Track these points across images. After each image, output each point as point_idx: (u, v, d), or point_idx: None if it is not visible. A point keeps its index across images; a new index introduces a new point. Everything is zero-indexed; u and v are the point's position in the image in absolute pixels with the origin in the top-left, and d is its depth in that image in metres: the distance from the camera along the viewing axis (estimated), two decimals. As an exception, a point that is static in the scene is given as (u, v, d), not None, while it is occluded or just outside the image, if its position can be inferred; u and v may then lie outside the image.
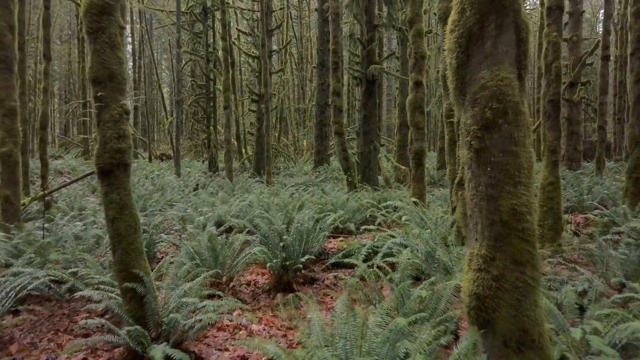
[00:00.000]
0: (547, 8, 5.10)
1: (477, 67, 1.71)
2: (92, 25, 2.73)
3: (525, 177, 1.68)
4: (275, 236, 4.09)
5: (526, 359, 1.65)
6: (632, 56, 6.53)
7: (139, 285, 2.69)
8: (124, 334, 2.55)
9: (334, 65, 8.40)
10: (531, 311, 1.68)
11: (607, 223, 5.41)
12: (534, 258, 1.70)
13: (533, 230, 1.70)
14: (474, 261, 1.74)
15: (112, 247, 2.80)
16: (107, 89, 2.73)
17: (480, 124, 1.68)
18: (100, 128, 2.73)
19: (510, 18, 1.68)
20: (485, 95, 1.67)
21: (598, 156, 10.68)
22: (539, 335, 1.68)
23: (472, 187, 1.74)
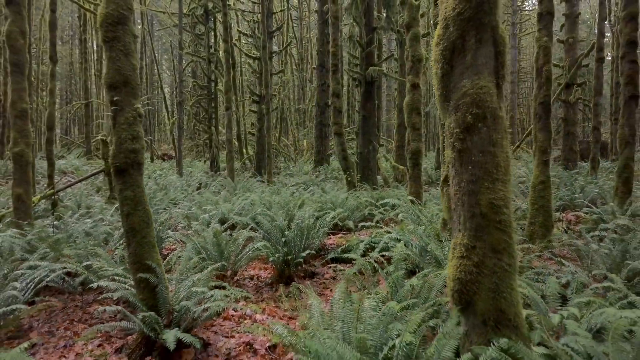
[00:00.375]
0: (538, 14, 5.31)
1: (460, 77, 1.92)
2: (108, 34, 2.94)
3: (502, 175, 1.89)
4: (278, 232, 4.30)
5: (503, 336, 1.86)
6: (622, 59, 6.74)
7: (152, 276, 2.90)
8: (139, 320, 2.76)
9: (334, 68, 8.61)
10: (507, 294, 1.89)
11: (597, 220, 5.61)
12: (510, 247, 1.91)
13: (509, 221, 1.91)
14: (457, 249, 1.95)
15: (126, 241, 3.00)
16: (122, 93, 2.94)
17: (462, 127, 1.89)
18: (115, 130, 2.94)
19: (489, 33, 1.89)
20: (467, 102, 1.88)
21: (592, 156, 10.89)
22: (514, 315, 1.89)
23: (456, 184, 1.95)
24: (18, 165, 5.40)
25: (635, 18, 6.61)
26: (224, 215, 5.87)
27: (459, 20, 1.88)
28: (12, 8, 5.39)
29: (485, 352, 1.68)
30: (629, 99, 6.59)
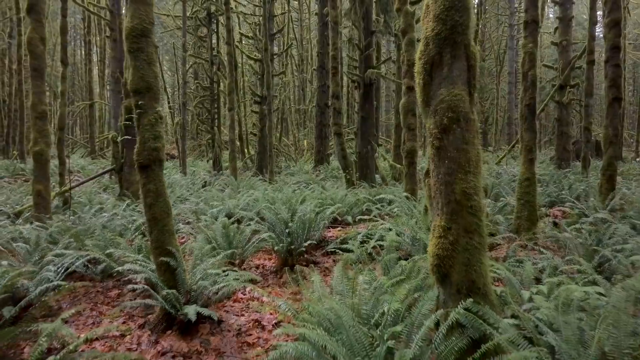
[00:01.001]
0: (524, 22, 5.69)
1: (438, 86, 2.29)
2: (133, 45, 3.32)
3: (473, 168, 2.27)
4: (282, 224, 4.68)
5: (474, 302, 2.23)
6: (606, 63, 7.12)
7: (172, 259, 3.27)
8: (161, 297, 3.14)
9: (333, 70, 8.99)
10: (478, 267, 2.27)
11: (580, 215, 5.99)
12: (480, 228, 2.29)
13: (479, 207, 2.29)
14: (436, 230, 2.33)
15: (148, 229, 3.38)
16: (145, 98, 3.32)
17: (440, 128, 2.27)
18: (140, 130, 3.31)
19: (462, 50, 2.27)
20: (443, 107, 2.25)
21: (584, 155, 11.26)
22: (483, 285, 2.27)
23: (435, 175, 2.33)
24: (38, 163, 5.78)
25: (619, 24, 6.99)
26: (230, 210, 6.24)
27: (437, 40, 2.26)
28: (33, 16, 5.76)
29: (455, 311, 2.06)
30: (612, 100, 6.96)
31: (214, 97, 16.47)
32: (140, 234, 5.00)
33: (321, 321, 2.14)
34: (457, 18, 2.21)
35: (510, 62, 27.52)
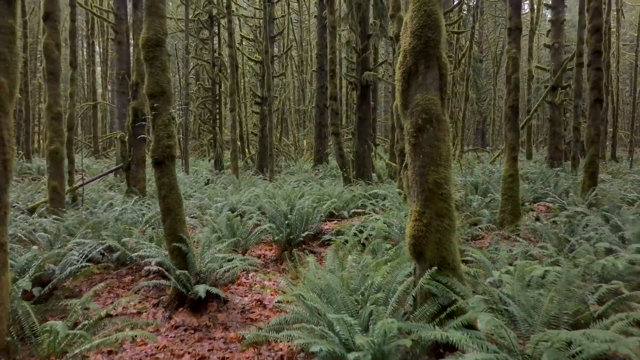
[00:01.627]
0: (508, 29, 6.09)
1: (414, 92, 2.69)
2: (149, 54, 3.72)
3: (444, 161, 2.67)
4: (281, 216, 5.08)
5: (444, 275, 2.63)
6: (588, 67, 7.52)
7: (183, 245, 3.67)
8: (174, 278, 3.54)
9: (331, 73, 9.38)
10: (447, 246, 2.66)
11: (560, 209, 6.38)
12: (450, 212, 2.69)
13: (449, 194, 2.69)
14: (413, 215, 2.73)
15: (162, 218, 3.78)
16: (159, 101, 3.72)
17: (415, 127, 2.67)
18: (154, 130, 3.71)
19: (435, 61, 2.67)
20: (418, 110, 2.65)
21: (573, 154, 11.66)
22: (452, 261, 2.67)
23: (411, 168, 2.73)
24: (54, 161, 6.18)
25: (600, 30, 7.39)
26: (233, 205, 6.64)
27: (413, 52, 2.66)
28: (49, 23, 6.16)
29: (424, 279, 2.46)
30: (594, 102, 7.36)
31: (215, 98, 16.87)
32: (150, 226, 5.39)
33: (314, 289, 2.54)
34: (430, 34, 2.61)
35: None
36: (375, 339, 1.99)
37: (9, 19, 2.28)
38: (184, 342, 3.29)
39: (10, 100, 2.31)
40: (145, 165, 8.80)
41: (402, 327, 2.18)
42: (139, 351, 3.20)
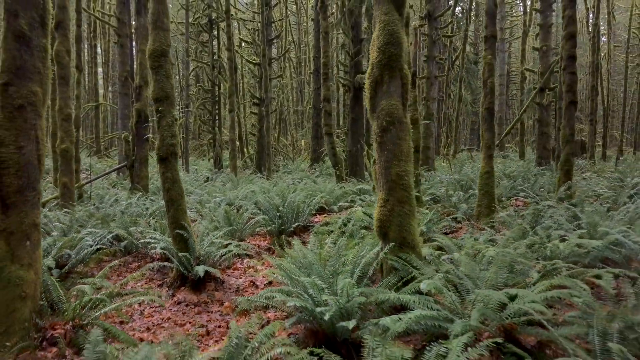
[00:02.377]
0: (484, 37, 6.58)
1: (380, 98, 3.19)
2: (154, 63, 4.22)
3: (404, 157, 3.17)
4: (274, 209, 5.58)
5: (404, 252, 3.13)
6: (563, 71, 8.01)
7: (185, 232, 4.16)
8: (177, 260, 4.03)
9: (324, 76, 9.88)
10: (408, 227, 3.16)
11: (534, 203, 6.88)
12: (410, 199, 3.19)
13: (409, 184, 3.18)
14: (379, 202, 3.23)
15: (166, 208, 4.27)
16: (164, 104, 4.21)
17: (381, 128, 3.17)
18: (160, 130, 4.21)
19: (397, 73, 3.16)
20: (383, 113, 3.15)
21: (558, 154, 12.16)
22: (412, 240, 3.17)
23: (378, 163, 3.22)
24: (64, 159, 6.68)
25: (574, 37, 7.88)
26: (231, 200, 7.13)
27: (379, 65, 3.16)
28: (60, 31, 6.66)
29: (389, 257, 2.95)
30: (569, 104, 7.85)
31: (215, 99, 17.37)
32: (154, 218, 5.89)
33: (295, 263, 3.03)
34: (392, 50, 3.11)
35: (501, 64, 28.38)
36: (340, 298, 2.49)
37: (42, 39, 2.78)
38: (185, 315, 3.79)
39: (43, 106, 2.81)
40: (148, 164, 9.30)
41: (364, 292, 2.67)
42: (147, 322, 3.70)
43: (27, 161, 2.74)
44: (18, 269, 2.67)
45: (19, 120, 2.71)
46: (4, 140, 2.68)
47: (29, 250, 2.75)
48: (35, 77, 2.76)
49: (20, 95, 2.71)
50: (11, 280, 2.64)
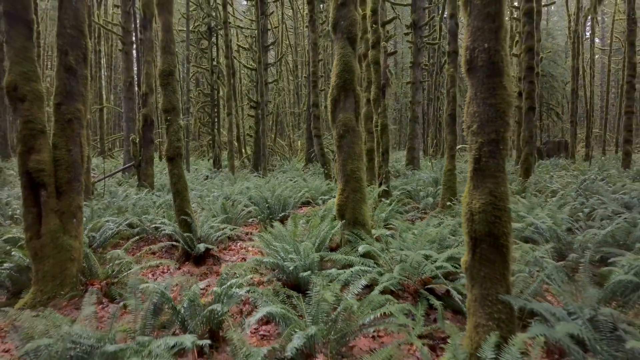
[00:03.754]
0: (448, 52, 7.57)
1: (338, 113, 4.18)
2: (164, 81, 5.20)
3: (357, 157, 4.16)
4: (263, 201, 6.56)
5: (357, 228, 4.12)
6: (523, 80, 9.00)
7: (189, 218, 5.14)
8: (182, 240, 5.02)
9: (313, 83, 10.86)
10: (359, 210, 4.15)
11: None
12: (361, 189, 4.18)
13: (361, 177, 4.17)
14: (339, 191, 4.22)
15: (173, 199, 5.25)
16: (171, 114, 5.19)
17: (339, 135, 4.16)
18: (168, 135, 5.19)
19: (351, 93, 4.15)
20: (340, 124, 4.15)
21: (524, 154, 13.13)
22: (362, 220, 4.16)
23: (338, 161, 4.21)
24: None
25: (532, 50, 8.87)
26: (227, 195, 8.11)
27: (337, 87, 4.15)
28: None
29: (344, 231, 3.94)
30: (528, 109, 8.85)
31: (214, 103, 18.35)
32: (162, 209, 6.87)
33: (273, 236, 4.02)
34: (347, 76, 4.10)
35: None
36: (302, 257, 3.47)
37: (84, 70, 3.77)
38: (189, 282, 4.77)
39: (84, 119, 3.80)
40: (154, 164, 10.28)
41: (321, 255, 3.66)
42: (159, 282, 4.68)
43: (74, 160, 3.73)
44: (68, 239, 3.66)
45: (68, 130, 3.70)
46: (57, 144, 3.67)
47: (75, 226, 3.74)
48: (79, 98, 3.75)
49: (69, 111, 3.70)
50: (64, 247, 3.62)
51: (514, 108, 2.33)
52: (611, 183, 8.76)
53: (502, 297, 2.20)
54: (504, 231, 2.20)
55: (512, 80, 2.20)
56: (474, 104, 2.21)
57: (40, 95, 3.58)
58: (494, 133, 2.16)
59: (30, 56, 3.56)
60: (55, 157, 3.64)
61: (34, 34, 3.65)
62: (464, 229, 2.31)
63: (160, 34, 5.23)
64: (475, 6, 2.16)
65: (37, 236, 3.56)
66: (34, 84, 3.54)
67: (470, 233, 2.26)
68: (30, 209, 3.56)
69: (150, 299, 2.71)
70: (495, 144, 2.17)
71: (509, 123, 2.17)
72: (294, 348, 2.05)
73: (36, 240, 3.55)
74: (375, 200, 6.58)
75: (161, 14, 5.24)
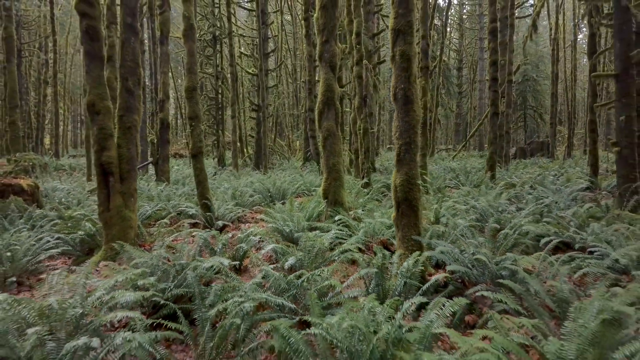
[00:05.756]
0: (420, 67, 9.03)
1: (323, 121, 5.66)
2: (189, 95, 6.65)
3: (337, 154, 5.63)
4: (266, 191, 8.02)
5: (336, 207, 5.59)
6: (489, 89, 10.45)
7: (209, 201, 6.60)
8: (204, 218, 6.47)
9: (309, 91, 12.32)
10: (339, 193, 5.63)
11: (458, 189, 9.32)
12: (340, 178, 5.66)
13: (340, 169, 5.65)
14: (323, 179, 5.69)
15: (196, 187, 6.70)
16: (195, 121, 6.65)
17: (323, 138, 5.63)
18: (192, 137, 6.64)
19: (332, 107, 5.63)
20: (325, 129, 5.62)
21: (505, 153, 14.61)
22: (341, 201, 5.64)
23: (323, 157, 5.69)
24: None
25: (496, 63, 10.34)
26: (235, 187, 9.58)
27: (322, 102, 5.63)
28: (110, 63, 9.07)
29: (327, 209, 5.41)
30: (492, 114, 10.31)
31: (218, 106, 19.81)
32: (184, 197, 8.33)
33: (275, 211, 5.48)
34: (329, 95, 5.57)
35: (480, 71, 30.89)
36: (296, 223, 4.94)
37: (139, 91, 5.23)
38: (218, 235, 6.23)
39: (139, 126, 5.26)
40: (169, 161, 11.72)
41: (310, 224, 5.12)
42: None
43: (132, 156, 5.20)
44: (128, 212, 5.12)
45: (128, 135, 5.17)
46: (120, 145, 5.13)
47: (132, 203, 5.20)
48: (135, 111, 5.22)
49: (128, 121, 5.16)
50: (125, 218, 5.08)
51: (421, 123, 3.77)
52: (565, 178, 10.24)
53: (414, 237, 3.66)
54: (415, 197, 3.67)
55: (420, 105, 3.67)
56: (396, 120, 3.68)
57: (109, 110, 5.04)
58: (408, 138, 3.63)
59: (102, 82, 5.02)
60: (119, 153, 5.10)
61: (104, 67, 5.10)
62: (392, 196, 3.78)
63: (187, 58, 6.69)
64: (396, 62, 3.63)
65: (107, 210, 5.01)
66: (105, 102, 4.99)
67: (395, 198, 3.73)
68: (102, 190, 5.02)
69: (197, 243, 4.17)
70: (408, 145, 3.64)
71: (417, 132, 3.64)
72: (289, 264, 3.51)
73: (106, 213, 5.01)
74: (358, 190, 8.05)
75: (187, 42, 6.71)
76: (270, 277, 3.16)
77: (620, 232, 4.48)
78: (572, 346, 1.96)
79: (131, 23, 5.26)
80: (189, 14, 6.70)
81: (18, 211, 6.76)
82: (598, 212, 5.67)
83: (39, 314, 2.43)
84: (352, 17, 8.87)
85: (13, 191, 7.54)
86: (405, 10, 3.59)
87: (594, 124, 9.63)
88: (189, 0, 6.67)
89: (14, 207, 6.79)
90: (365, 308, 2.27)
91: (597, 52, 9.21)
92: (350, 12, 8.92)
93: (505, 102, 14.67)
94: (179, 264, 3.43)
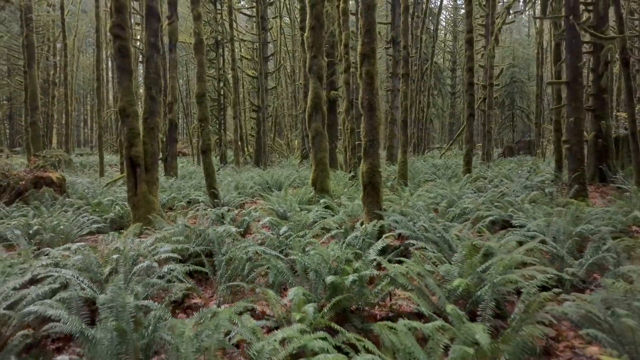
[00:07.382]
0: (402, 74, 10.17)
1: (312, 122, 6.82)
2: (199, 100, 7.81)
3: (324, 150, 6.80)
4: (265, 183, 9.19)
5: (323, 193, 6.76)
6: (466, 93, 11.59)
7: (216, 191, 7.75)
8: (211, 204, 7.63)
9: (305, 94, 13.45)
10: (325, 182, 6.80)
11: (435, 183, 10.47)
12: (326, 169, 6.82)
13: (325, 162, 6.81)
14: (312, 171, 6.85)
15: (205, 178, 7.86)
16: (204, 122, 7.80)
17: (312, 136, 6.80)
18: (202, 136, 7.79)
19: (320, 110, 6.79)
20: (313, 129, 6.79)
21: (487, 150, 15.77)
22: (327, 189, 6.81)
23: (312, 152, 6.85)
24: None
25: (472, 70, 11.47)
26: (237, 181, 10.74)
27: (311, 107, 6.79)
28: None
29: (316, 195, 6.58)
30: (469, 116, 11.45)
31: (220, 107, 20.96)
32: (193, 190, 9.49)
33: (273, 198, 6.64)
34: (317, 101, 6.73)
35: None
36: (289, 207, 6.09)
37: (160, 97, 6.38)
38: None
39: (160, 127, 6.42)
40: (177, 158, 12.88)
41: (301, 206, 6.28)
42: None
43: (154, 151, 6.36)
44: (152, 197, 6.28)
45: (151, 134, 6.33)
46: (145, 142, 6.29)
47: (155, 190, 6.36)
48: (157, 115, 6.38)
49: (152, 123, 6.32)
50: (149, 202, 6.24)
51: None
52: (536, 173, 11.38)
53: (376, 212, 4.82)
54: (377, 181, 4.83)
55: (381, 112, 4.83)
56: (363, 122, 4.84)
57: (137, 114, 6.19)
58: (372, 136, 4.79)
59: (131, 91, 6.18)
60: (144, 149, 6.26)
61: (133, 79, 6.26)
62: (360, 181, 4.93)
63: (197, 67, 7.85)
64: (363, 79, 4.79)
65: (135, 195, 6.17)
66: (134, 107, 6.15)
67: (362, 182, 4.89)
68: (130, 179, 6.17)
69: (210, 218, 5.33)
70: (372, 141, 4.80)
71: (379, 132, 4.80)
72: (282, 232, 4.67)
73: (134, 197, 6.17)
74: (345, 182, 9.22)
75: (197, 54, 7.86)
76: (267, 239, 4.32)
77: (546, 211, 5.63)
78: (456, 268, 3.13)
79: (154, 42, 6.42)
80: (199, 31, 7.86)
81: (50, 199, 7.93)
82: (540, 197, 6.82)
83: (108, 254, 3.60)
84: (342, 29, 10.02)
85: (45, 183, 8.71)
86: (369, 39, 4.75)
87: (558, 124, 10.78)
88: (199, 19, 7.83)
89: (47, 196, 7.96)
90: (329, 248, 3.43)
91: (560, 60, 10.35)
92: (340, 25, 10.08)
93: (487, 103, 15.82)
94: (199, 230, 4.59)
